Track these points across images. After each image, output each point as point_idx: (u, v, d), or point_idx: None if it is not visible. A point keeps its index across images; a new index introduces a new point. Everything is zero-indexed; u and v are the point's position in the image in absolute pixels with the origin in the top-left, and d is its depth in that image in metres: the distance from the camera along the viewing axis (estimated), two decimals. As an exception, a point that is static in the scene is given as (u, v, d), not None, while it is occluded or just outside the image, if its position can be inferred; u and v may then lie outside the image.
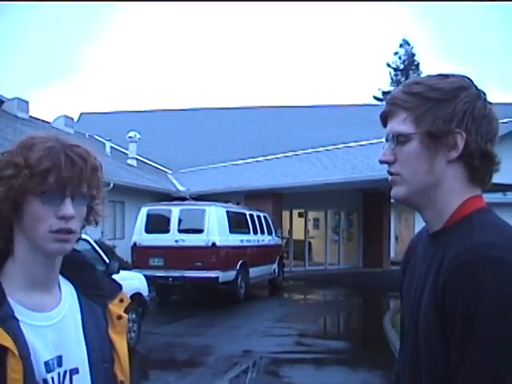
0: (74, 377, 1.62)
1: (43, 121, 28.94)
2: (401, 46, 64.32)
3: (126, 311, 1.81)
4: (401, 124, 1.64)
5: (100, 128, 35.80)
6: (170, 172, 32.99)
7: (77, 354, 1.64)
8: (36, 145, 1.55)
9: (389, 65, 64.71)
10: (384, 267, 28.03)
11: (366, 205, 28.84)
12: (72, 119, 31.43)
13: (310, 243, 28.54)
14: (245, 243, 17.48)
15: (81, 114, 44.88)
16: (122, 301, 1.80)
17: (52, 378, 1.56)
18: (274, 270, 20.19)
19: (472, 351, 1.42)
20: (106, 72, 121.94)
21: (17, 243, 1.58)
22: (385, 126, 1.72)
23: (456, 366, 1.46)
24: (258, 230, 19.08)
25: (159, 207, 16.89)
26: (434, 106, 1.59)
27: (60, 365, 1.59)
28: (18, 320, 1.52)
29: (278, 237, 20.97)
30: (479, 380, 1.42)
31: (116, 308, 1.77)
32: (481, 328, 1.40)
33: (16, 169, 1.51)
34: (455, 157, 1.59)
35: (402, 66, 64.08)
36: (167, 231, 16.02)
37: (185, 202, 19.27)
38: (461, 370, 1.44)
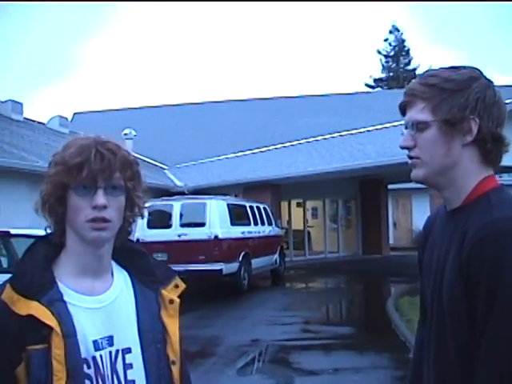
0: (127, 356, 1.79)
1: (38, 122, 28.99)
2: (390, 32, 64.35)
3: (180, 296, 1.96)
4: (419, 113, 1.82)
5: (95, 127, 35.61)
6: (167, 168, 33.07)
7: (128, 335, 1.81)
8: (72, 144, 1.74)
9: (379, 52, 64.76)
10: (383, 253, 28.26)
11: (364, 192, 29.02)
12: (66, 119, 31.50)
13: (309, 232, 28.71)
14: (246, 235, 17.66)
15: (74, 113, 44.84)
16: (177, 286, 1.96)
17: (101, 356, 1.73)
18: (276, 260, 20.38)
19: (495, 319, 1.61)
20: (99, 70, 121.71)
21: (68, 236, 1.77)
22: (403, 114, 1.91)
23: (481, 332, 1.65)
24: (259, 222, 19.26)
25: (160, 203, 17.03)
26: (449, 96, 1.78)
27: (111, 344, 1.76)
28: (65, 302, 1.70)
29: (278, 227, 21.14)
30: (501, 345, 1.61)
31: (170, 293, 1.92)
32: (504, 289, 1.59)
33: (56, 166, 1.72)
34: (470, 141, 1.79)
35: (392, 53, 64.11)
36: (169, 226, 16.17)
37: (186, 197, 19.38)
38: (487, 327, 1.63)
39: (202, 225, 16.15)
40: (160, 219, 16.45)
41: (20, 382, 1.63)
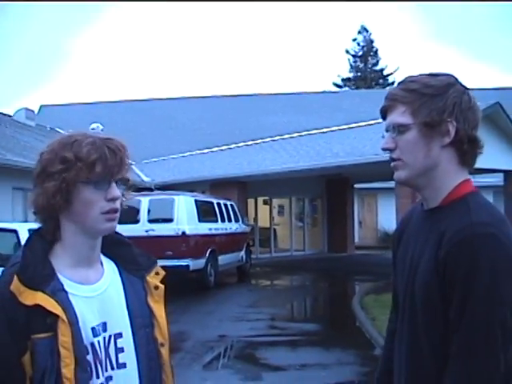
0: (119, 340, 1.88)
1: (4, 114, 28.64)
2: (359, 32, 64.79)
3: (163, 282, 2.07)
4: (400, 116, 1.92)
5: (61, 120, 35.58)
6: (134, 163, 32.86)
7: (120, 321, 1.90)
8: (79, 141, 1.81)
9: (348, 51, 65.14)
10: (349, 251, 28.47)
11: (330, 191, 29.17)
12: (33, 112, 31.12)
13: (275, 230, 28.80)
14: (213, 231, 17.71)
15: (41, 106, 44.44)
16: (157, 273, 2.07)
17: (98, 342, 1.82)
18: (242, 257, 20.46)
19: (471, 307, 1.71)
20: (68, 64, 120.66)
21: (65, 229, 1.84)
22: (384, 118, 2.01)
23: (456, 322, 1.74)
24: (226, 218, 19.31)
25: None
26: (429, 100, 1.89)
27: (105, 330, 1.85)
28: (66, 292, 1.77)
29: (244, 224, 21.21)
30: (478, 328, 1.71)
31: (153, 279, 2.04)
32: (478, 289, 1.69)
33: (67, 163, 1.77)
34: (448, 142, 1.89)
35: (360, 53, 64.54)
36: (137, 221, 16.14)
37: (154, 193, 19.35)
38: (461, 322, 1.72)
39: (170, 221, 16.18)
40: (127, 214, 16.36)
41: (26, 370, 1.69)
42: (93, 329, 1.81)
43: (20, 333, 1.68)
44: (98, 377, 1.80)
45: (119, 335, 1.89)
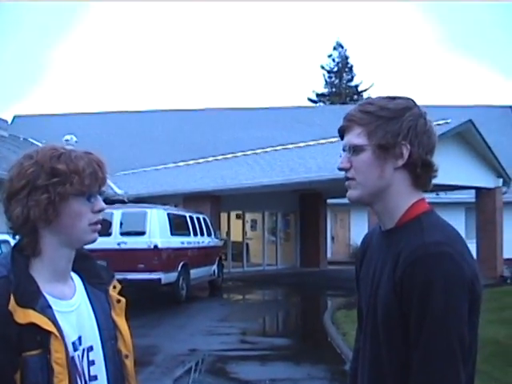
0: (90, 353, 1.91)
1: (-24, 124, 28.45)
2: (334, 48, 65.09)
3: (122, 295, 2.10)
4: (356, 137, 1.97)
5: (35, 131, 35.34)
6: (107, 175, 32.77)
7: (91, 334, 1.93)
8: (66, 154, 1.85)
9: (323, 67, 65.43)
10: (321, 267, 28.56)
11: (303, 206, 29.29)
12: (6, 122, 30.94)
13: (247, 244, 28.82)
14: (186, 245, 17.67)
15: (14, 116, 44.16)
16: (115, 287, 2.10)
17: (78, 356, 1.86)
18: (214, 271, 20.43)
19: (428, 325, 1.74)
20: (42, 74, 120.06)
21: (45, 243, 1.84)
22: (342, 138, 2.06)
23: (415, 338, 1.78)
24: (198, 232, 19.27)
25: (100, 210, 16.82)
26: (384, 123, 1.93)
27: (80, 344, 1.88)
28: (51, 308, 1.79)
29: (217, 238, 21.19)
30: (436, 345, 1.74)
31: (113, 293, 2.07)
32: (434, 305, 1.73)
33: (62, 176, 1.80)
34: (401, 165, 1.93)
35: (335, 69, 64.79)
36: (109, 234, 16.02)
37: (126, 205, 19.29)
38: (420, 340, 1.76)
39: (142, 234, 16.12)
40: (100, 227, 16.27)
41: None
42: (73, 343, 1.84)
43: (13, 351, 1.69)
44: None
45: (91, 348, 1.92)
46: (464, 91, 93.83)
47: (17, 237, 1.87)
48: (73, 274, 1.99)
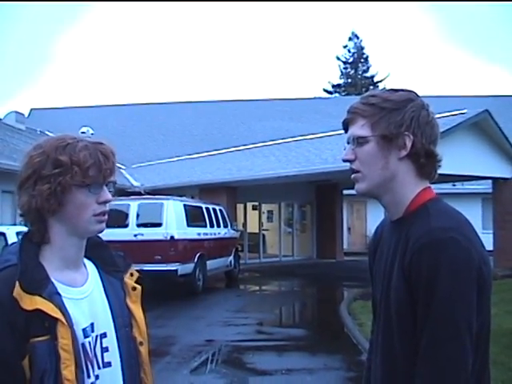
0: (104, 340, 1.94)
1: (-7, 117, 28.64)
2: (350, 39, 64.98)
3: (139, 283, 2.14)
4: (360, 129, 2.01)
5: (51, 124, 35.52)
6: (124, 167, 32.89)
7: (104, 321, 1.96)
8: (72, 144, 1.86)
9: (338, 58, 65.29)
10: (337, 258, 28.53)
11: (319, 197, 29.26)
12: (23, 115, 31.12)
13: (264, 235, 28.84)
14: (202, 236, 17.72)
15: (31, 109, 44.35)
16: (132, 275, 2.13)
17: (89, 343, 1.88)
18: (230, 262, 20.49)
19: (435, 307, 1.76)
20: (59, 67, 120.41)
21: (54, 231, 1.88)
22: (346, 131, 2.10)
23: (423, 321, 1.80)
24: (215, 223, 19.33)
25: (117, 202, 16.96)
26: (387, 114, 1.96)
27: (93, 331, 1.90)
28: (60, 295, 1.82)
29: (233, 230, 21.22)
30: (442, 328, 1.76)
31: (129, 280, 2.10)
32: (440, 290, 1.75)
33: (62, 167, 1.81)
34: (404, 155, 1.96)
35: (351, 59, 64.73)
36: (126, 226, 16.13)
37: (142, 197, 19.33)
38: (427, 322, 1.78)
39: (159, 225, 16.18)
40: (116, 218, 16.34)
41: (25, 373, 1.73)
42: (84, 330, 1.86)
43: (20, 337, 1.72)
44: (89, 376, 1.85)
45: (104, 335, 1.94)
46: (480, 82, 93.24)
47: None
48: (87, 262, 2.03)
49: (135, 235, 16.01)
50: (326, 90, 64.85)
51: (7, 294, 1.72)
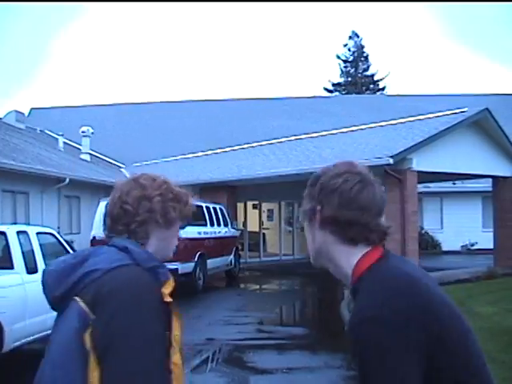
0: None
1: (-7, 117, 28.66)
2: (350, 38, 64.93)
3: None
4: (302, 207, 2.06)
5: (52, 123, 35.57)
6: (124, 166, 32.93)
7: None
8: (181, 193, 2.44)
9: (338, 57, 65.28)
10: (338, 256, 28.43)
11: (320, 196, 29.16)
12: (23, 114, 31.13)
13: (264, 234, 28.84)
14: (202, 235, 17.74)
15: (31, 109, 44.30)
16: None
17: None
18: (231, 261, 20.52)
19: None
20: (59, 67, 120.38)
21: (153, 242, 2.25)
22: None
23: None
24: (215, 222, 19.34)
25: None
26: (309, 190, 2.01)
27: None
28: None
29: (233, 228, 21.22)
30: None
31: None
32: (366, 365, 1.71)
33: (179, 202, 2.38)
34: (318, 225, 1.95)
35: (351, 58, 64.69)
36: (126, 225, 16.08)
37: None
38: None
39: (159, 224, 16.12)
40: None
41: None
42: None
43: (164, 323, 2.00)
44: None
45: None
46: (480, 81, 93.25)
47: None
48: None
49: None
50: (326, 89, 64.85)
51: (156, 291, 2.04)
